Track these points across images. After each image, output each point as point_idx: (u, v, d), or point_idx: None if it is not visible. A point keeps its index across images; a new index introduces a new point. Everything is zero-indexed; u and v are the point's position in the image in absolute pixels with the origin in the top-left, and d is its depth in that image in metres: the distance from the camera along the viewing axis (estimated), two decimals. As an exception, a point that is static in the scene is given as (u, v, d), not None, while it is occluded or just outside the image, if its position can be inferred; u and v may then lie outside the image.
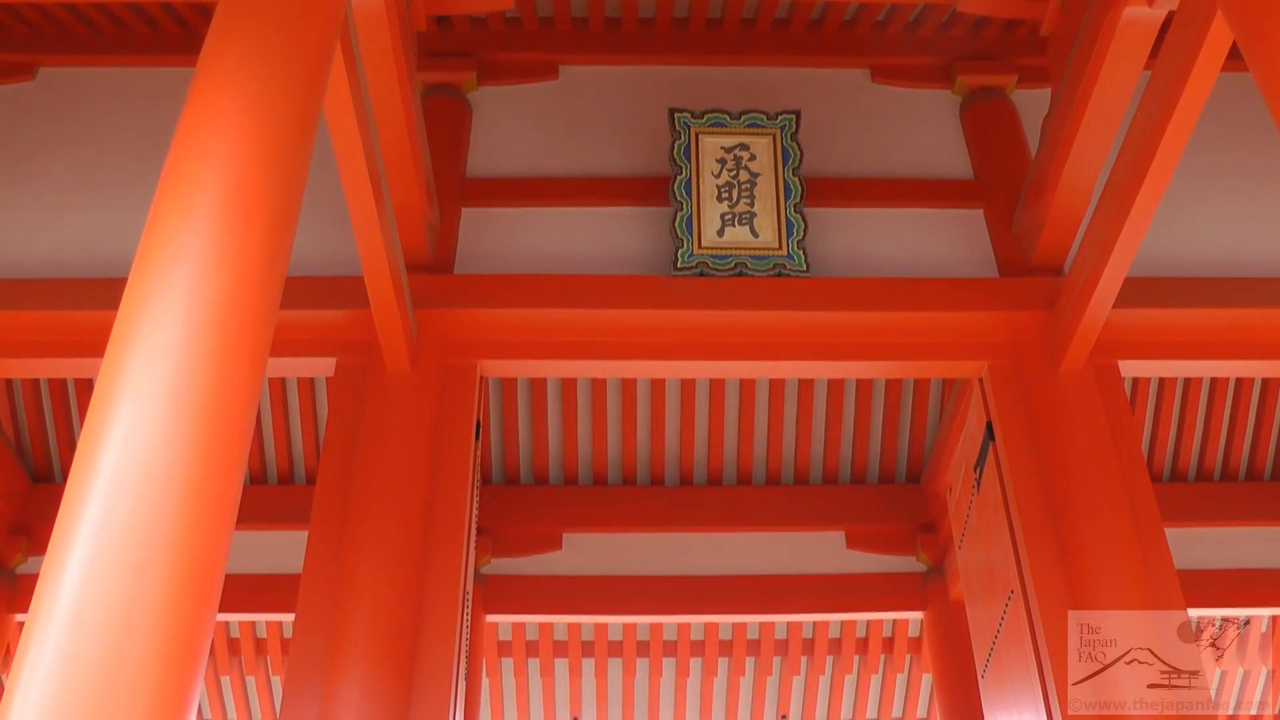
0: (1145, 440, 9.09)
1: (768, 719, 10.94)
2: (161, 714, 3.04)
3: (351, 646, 5.80)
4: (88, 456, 3.29)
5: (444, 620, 6.06)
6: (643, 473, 9.36)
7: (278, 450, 8.99)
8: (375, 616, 5.92)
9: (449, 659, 5.95)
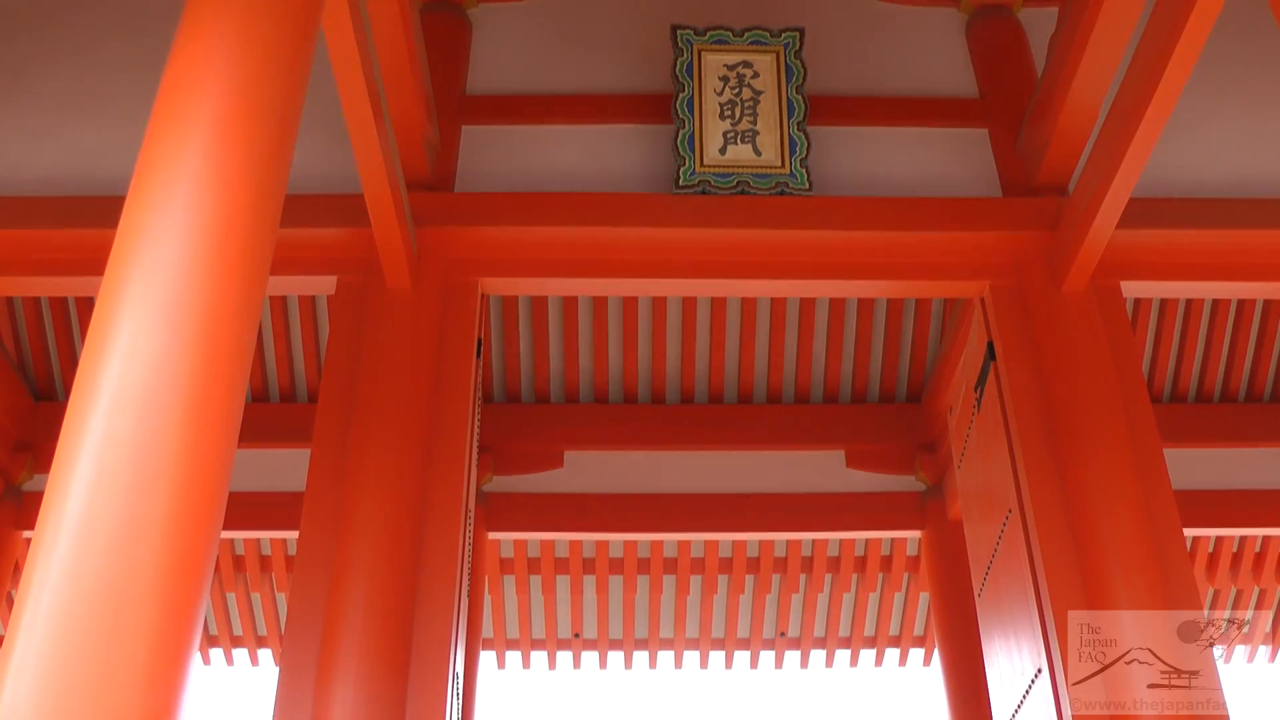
0: (1146, 361, 9.11)
1: (766, 636, 11.08)
2: (168, 628, 3.08)
3: (355, 563, 5.86)
4: (89, 374, 3.29)
5: (446, 537, 6.11)
6: (644, 391, 9.39)
7: (279, 368, 9.01)
8: (378, 534, 5.97)
9: (451, 575, 6.01)
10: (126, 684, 2.95)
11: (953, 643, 8.82)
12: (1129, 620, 5.54)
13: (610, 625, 10.92)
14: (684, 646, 11.15)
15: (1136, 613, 5.52)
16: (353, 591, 5.77)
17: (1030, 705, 6.28)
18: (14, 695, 2.88)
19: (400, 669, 5.66)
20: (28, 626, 2.96)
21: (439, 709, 5.66)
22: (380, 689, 5.54)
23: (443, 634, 5.85)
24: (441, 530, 6.12)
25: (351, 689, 5.50)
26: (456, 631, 6.07)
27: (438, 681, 5.72)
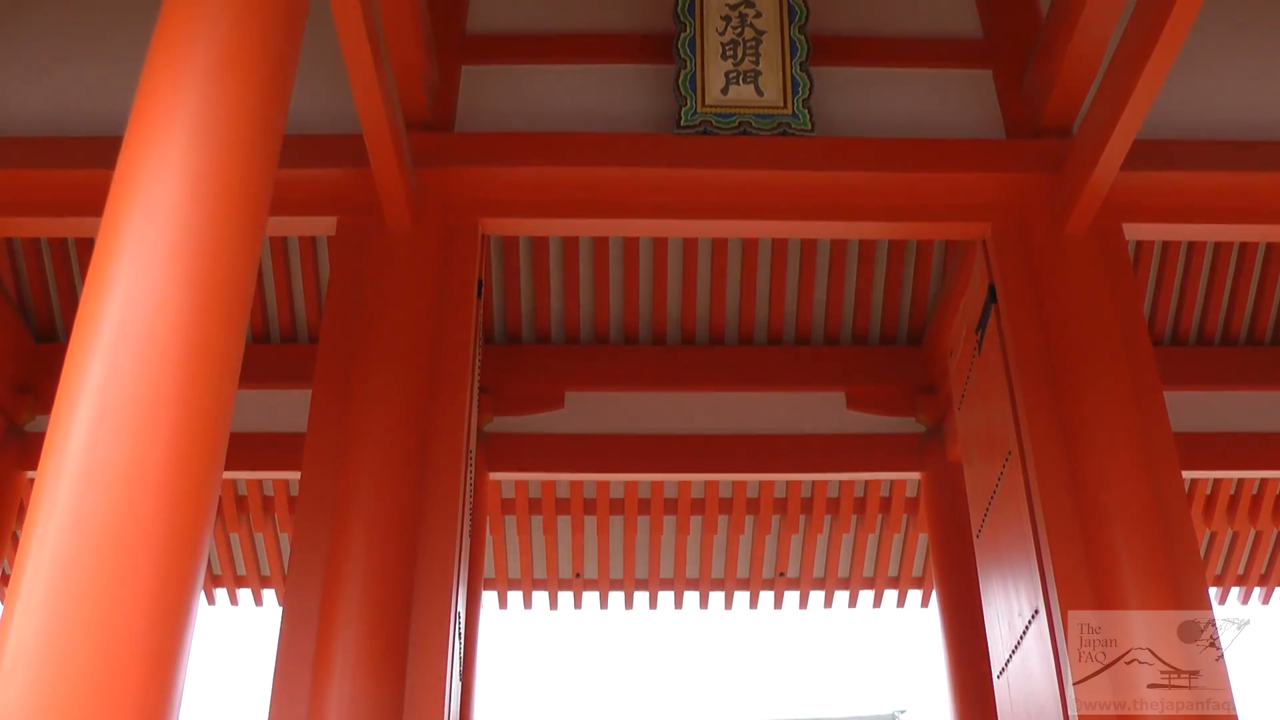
0: (1147, 304, 9.10)
1: (766, 576, 11.16)
2: (171, 568, 3.10)
3: (357, 504, 5.88)
4: (90, 316, 3.29)
5: (448, 478, 6.13)
6: (644, 331, 9.39)
7: (280, 309, 9.00)
8: (380, 474, 5.99)
9: (453, 516, 6.04)
10: (131, 623, 2.98)
11: (951, 584, 8.88)
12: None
13: (611, 565, 10.99)
14: (684, 586, 11.23)
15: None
16: (355, 532, 5.80)
17: (1027, 645, 6.34)
18: (20, 634, 2.90)
19: (403, 609, 5.70)
20: (33, 567, 2.98)
21: (441, 648, 5.70)
22: (383, 628, 5.59)
23: (445, 574, 5.89)
24: (443, 471, 6.14)
25: (354, 629, 5.55)
26: (458, 571, 6.11)
27: (440, 621, 5.77)
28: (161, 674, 3.01)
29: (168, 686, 3.02)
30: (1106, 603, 5.78)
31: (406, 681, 5.57)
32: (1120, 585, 5.78)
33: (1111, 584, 5.80)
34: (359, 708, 5.36)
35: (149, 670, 2.98)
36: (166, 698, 3.01)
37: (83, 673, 2.88)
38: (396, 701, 5.48)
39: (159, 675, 3.00)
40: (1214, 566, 11.14)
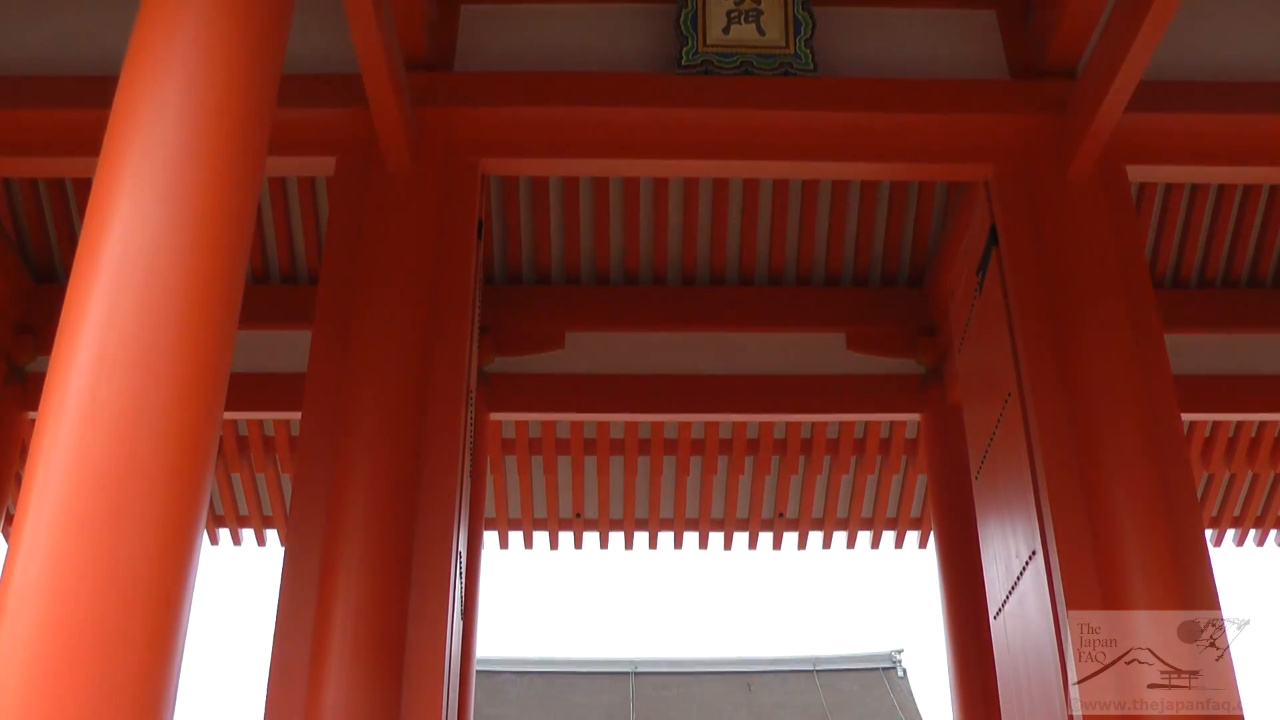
0: (1149, 246, 9.06)
1: (765, 517, 11.22)
2: (173, 507, 3.12)
3: (358, 444, 5.90)
4: (88, 257, 3.29)
5: (448, 418, 6.15)
6: (645, 271, 9.36)
7: (279, 249, 8.98)
8: (381, 414, 6.01)
9: (454, 456, 6.06)
10: (134, 562, 3.00)
11: (949, 525, 8.93)
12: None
13: (611, 505, 11.04)
14: (684, 527, 11.29)
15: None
16: (356, 472, 5.83)
17: (1024, 586, 6.38)
18: (25, 574, 2.93)
19: (404, 549, 5.74)
20: (36, 507, 3.00)
21: (443, 587, 5.75)
22: (385, 567, 5.63)
23: (446, 514, 5.93)
24: (444, 411, 6.16)
25: (356, 567, 5.59)
26: (459, 511, 6.15)
27: (441, 560, 5.81)
28: (165, 612, 3.04)
29: (172, 624, 3.05)
30: (1103, 545, 5.81)
31: (408, 620, 5.62)
32: (1118, 528, 5.82)
33: (1109, 527, 5.84)
34: (361, 646, 5.41)
35: (153, 608, 3.00)
36: (171, 635, 3.04)
37: (87, 611, 2.91)
38: (399, 639, 5.53)
39: (163, 613, 3.03)
40: (1210, 508, 11.19)
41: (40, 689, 2.81)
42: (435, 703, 5.50)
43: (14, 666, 2.82)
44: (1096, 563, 5.81)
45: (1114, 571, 5.74)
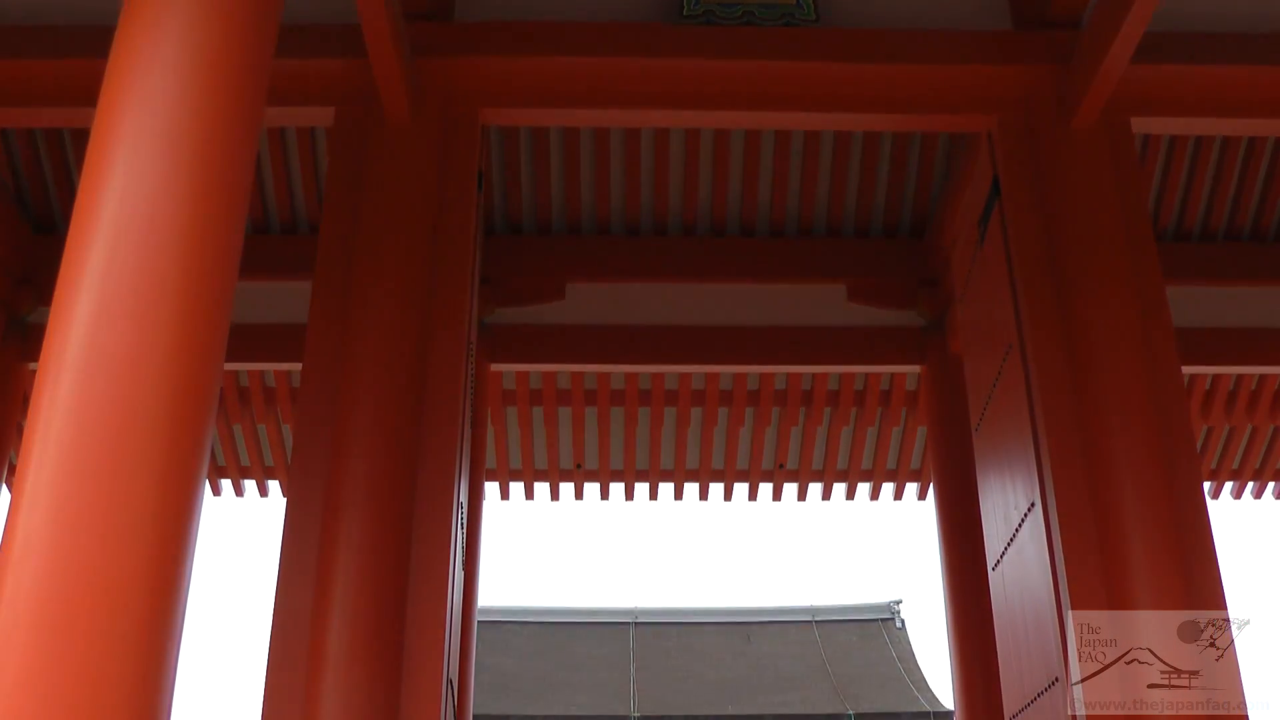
0: (1152, 198, 9.02)
1: (765, 468, 11.25)
2: (174, 457, 3.12)
3: (359, 394, 5.91)
4: (87, 208, 3.27)
5: (449, 369, 6.15)
6: (646, 223, 9.33)
7: (279, 200, 8.95)
8: (381, 365, 6.01)
9: (455, 407, 6.07)
10: (136, 513, 3.01)
11: (948, 477, 8.96)
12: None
13: (611, 456, 11.07)
14: (684, 478, 11.34)
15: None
16: (357, 423, 5.84)
17: (1022, 537, 6.41)
18: (28, 524, 2.94)
19: (406, 498, 5.76)
20: (38, 458, 3.01)
21: (444, 538, 5.78)
22: (386, 518, 5.65)
23: (447, 465, 5.94)
24: (444, 362, 6.16)
25: (358, 517, 5.61)
26: (460, 462, 6.17)
27: (442, 511, 5.83)
28: (168, 561, 3.05)
29: (174, 573, 3.06)
30: (1102, 497, 5.83)
31: (410, 570, 5.65)
32: (1117, 480, 5.84)
33: (1108, 479, 5.85)
34: (363, 595, 5.44)
35: (155, 557, 3.02)
36: (174, 585, 3.06)
37: (91, 560, 2.92)
38: (400, 589, 5.56)
39: (166, 563, 3.04)
40: (1210, 461, 11.22)
41: (46, 637, 2.82)
42: (437, 652, 5.54)
43: (20, 617, 2.84)
44: (1095, 515, 5.83)
45: (1112, 523, 5.76)
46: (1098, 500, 5.85)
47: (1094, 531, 5.80)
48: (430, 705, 5.43)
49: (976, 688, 8.18)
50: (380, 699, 5.28)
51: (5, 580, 2.88)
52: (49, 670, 2.80)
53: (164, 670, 2.99)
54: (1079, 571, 5.72)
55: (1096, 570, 5.72)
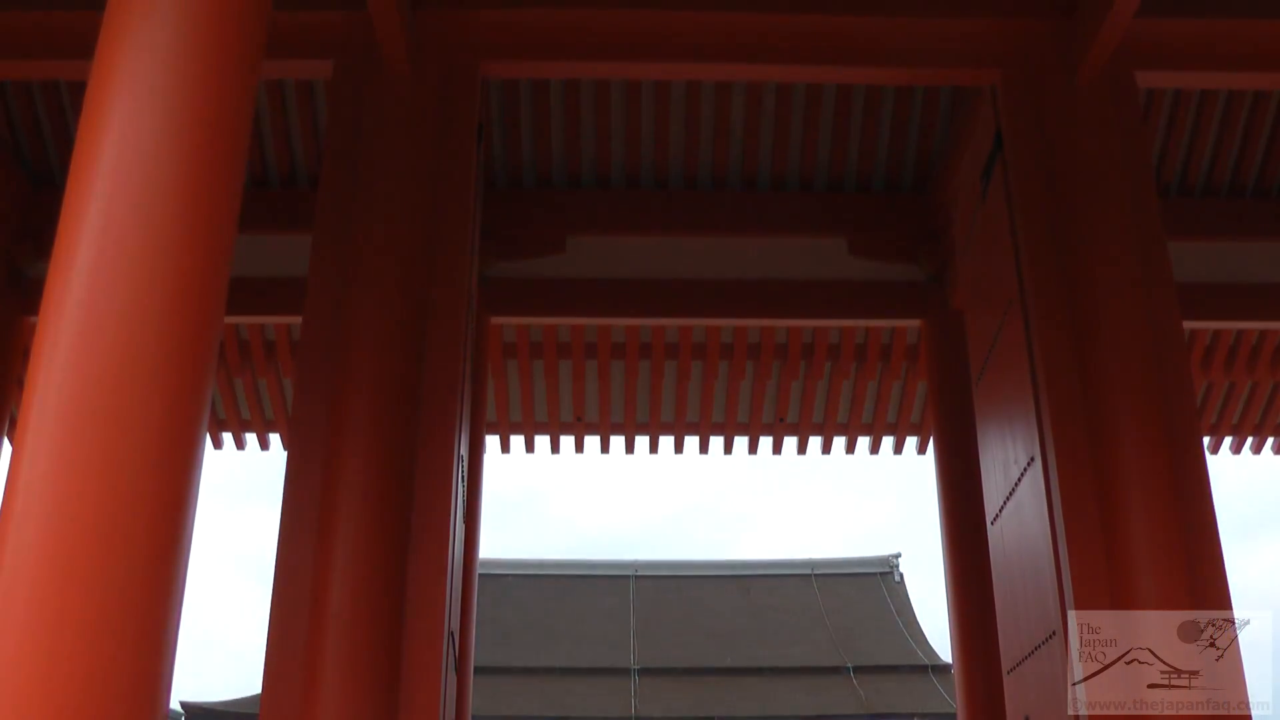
0: (1155, 153, 8.98)
1: (765, 421, 11.27)
2: (176, 410, 3.13)
3: (359, 347, 5.90)
4: (84, 161, 3.26)
5: (449, 322, 6.15)
6: (647, 176, 9.30)
7: (278, 153, 8.91)
8: (381, 319, 6.00)
9: (456, 359, 6.07)
10: (138, 464, 3.02)
11: (948, 431, 8.97)
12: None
13: (612, 409, 11.08)
14: (684, 431, 11.35)
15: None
16: (358, 376, 5.84)
17: (1022, 491, 6.43)
18: (29, 477, 2.95)
19: (406, 451, 5.77)
20: (38, 411, 3.01)
21: (445, 490, 5.80)
22: (387, 471, 5.67)
23: (447, 417, 5.95)
24: (444, 315, 6.15)
25: (359, 471, 5.62)
26: (461, 415, 6.18)
27: (443, 464, 5.85)
28: (169, 513, 3.06)
29: (177, 526, 3.08)
30: (1102, 452, 5.85)
31: (411, 523, 5.67)
32: (1116, 435, 5.85)
33: (1107, 434, 5.87)
34: (365, 548, 5.46)
35: (158, 510, 3.03)
36: (176, 536, 3.07)
37: (93, 513, 2.93)
38: (402, 542, 5.59)
39: (168, 515, 3.05)
40: (1209, 417, 11.24)
41: (48, 588, 2.84)
42: (438, 604, 5.57)
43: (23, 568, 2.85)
44: (1094, 469, 5.85)
45: (1111, 478, 5.78)
46: (1097, 455, 5.86)
47: (1093, 485, 5.82)
48: (431, 657, 5.46)
49: (974, 641, 8.23)
50: (382, 651, 5.32)
51: (8, 533, 2.89)
52: (52, 618, 2.82)
53: (167, 620, 3.01)
54: (1078, 525, 5.75)
55: (1095, 523, 5.75)
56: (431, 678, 5.43)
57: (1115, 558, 5.64)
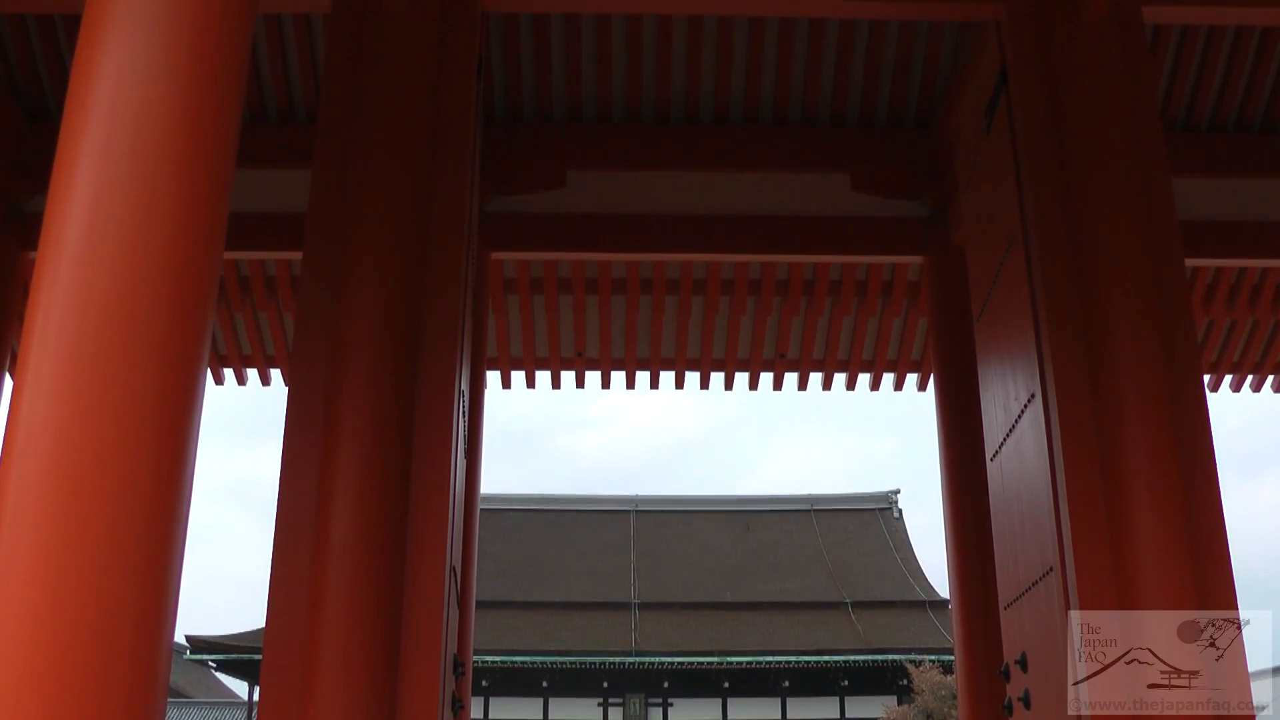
0: (1161, 88, 8.90)
1: (766, 357, 11.27)
2: (176, 344, 3.12)
3: (359, 283, 5.88)
4: (80, 94, 3.23)
5: (450, 257, 6.12)
6: (648, 109, 9.23)
7: (276, 88, 8.83)
8: (382, 254, 5.98)
9: (456, 295, 6.06)
10: (139, 399, 3.02)
11: (949, 368, 8.97)
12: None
13: (613, 344, 11.09)
14: (685, 366, 11.36)
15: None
16: (358, 311, 5.82)
17: (1021, 428, 6.45)
18: (30, 413, 2.95)
19: (407, 388, 5.77)
20: (39, 346, 3.01)
21: (446, 425, 5.81)
22: (389, 406, 5.67)
23: (448, 353, 5.95)
24: (445, 250, 6.13)
25: (360, 405, 5.63)
26: (462, 350, 6.18)
27: (444, 399, 5.85)
28: (172, 446, 3.07)
29: (179, 458, 3.08)
30: (1102, 388, 5.85)
31: (413, 458, 5.68)
32: (1117, 371, 5.85)
33: (1108, 370, 5.87)
34: (366, 483, 5.48)
35: (160, 443, 3.03)
36: (178, 469, 3.08)
37: (94, 447, 2.94)
38: (403, 477, 5.61)
39: (170, 447, 3.06)
40: (1210, 354, 11.24)
41: (50, 521, 2.85)
42: (440, 539, 5.60)
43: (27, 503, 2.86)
44: (1095, 406, 5.86)
45: (1111, 414, 5.79)
46: (1098, 391, 5.87)
47: (1093, 422, 5.83)
48: (433, 591, 5.50)
49: (972, 577, 8.29)
50: (384, 585, 5.35)
51: (10, 468, 2.90)
52: (55, 552, 2.83)
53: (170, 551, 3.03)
54: (1077, 462, 5.77)
55: (1095, 459, 5.77)
56: (434, 612, 5.47)
57: (1114, 493, 5.67)
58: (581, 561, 54.87)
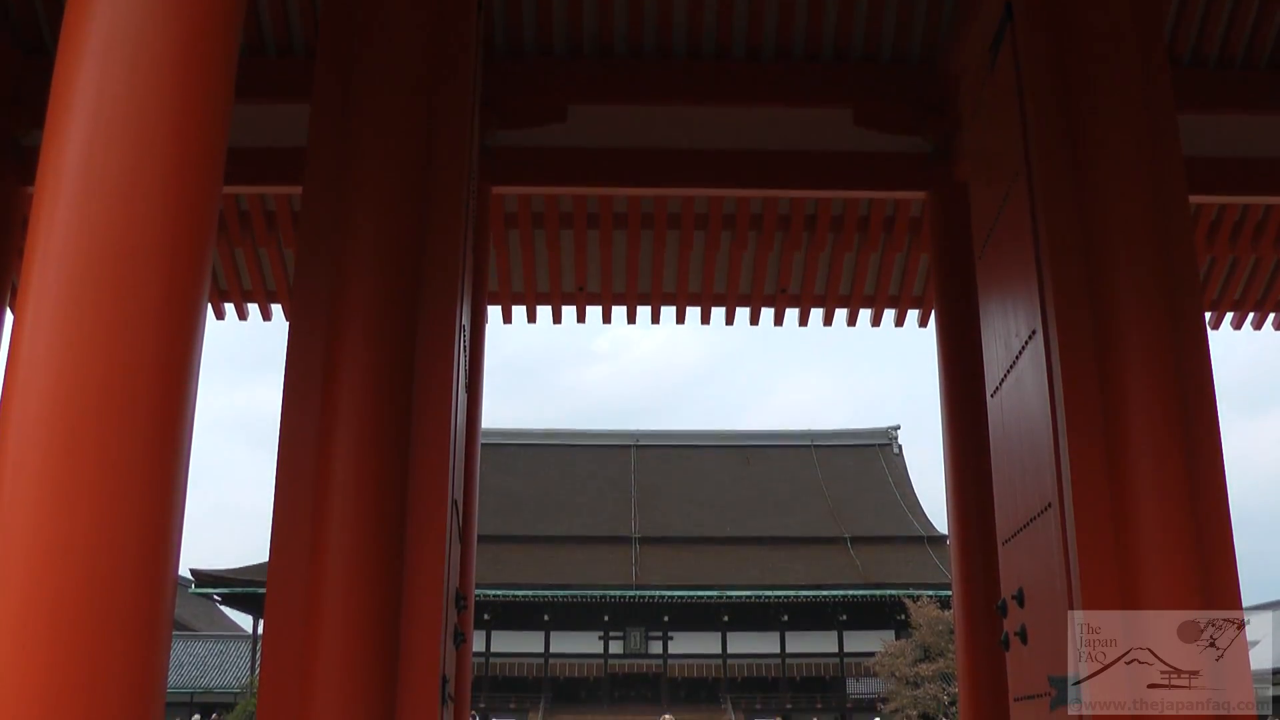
0: (1169, 22, 8.81)
1: (767, 292, 11.26)
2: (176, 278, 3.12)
3: (360, 217, 5.86)
4: (75, 26, 3.20)
5: (450, 191, 6.10)
6: (650, 44, 9.15)
7: (274, 21, 8.75)
8: (382, 189, 5.95)
9: (456, 229, 6.04)
10: (139, 333, 3.03)
11: (950, 304, 8.96)
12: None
13: (614, 279, 11.07)
14: (686, 301, 11.35)
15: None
16: (359, 245, 5.81)
17: (1022, 365, 6.46)
18: (31, 348, 2.95)
19: (408, 321, 5.77)
20: (39, 281, 3.01)
21: (447, 360, 5.82)
22: (389, 340, 5.67)
23: (449, 287, 5.95)
24: (445, 184, 6.10)
25: (361, 339, 5.63)
26: (463, 285, 6.17)
27: (445, 334, 5.86)
28: (173, 380, 3.07)
29: (180, 392, 3.09)
30: (1103, 326, 5.85)
31: (414, 392, 5.70)
32: (1118, 308, 5.84)
33: (1110, 307, 5.86)
34: (367, 417, 5.50)
35: (161, 376, 3.04)
36: (180, 402, 3.09)
37: (95, 381, 2.94)
38: (405, 411, 5.62)
39: (171, 380, 3.07)
40: (1212, 291, 11.23)
41: (53, 456, 2.87)
42: (441, 473, 5.63)
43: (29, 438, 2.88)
44: (1096, 342, 5.86)
45: (1112, 351, 5.79)
46: (1099, 327, 5.86)
47: (1094, 359, 5.83)
48: (436, 525, 5.54)
49: (971, 513, 8.34)
50: (386, 520, 5.39)
51: (11, 403, 2.91)
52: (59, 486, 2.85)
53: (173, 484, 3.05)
54: (1077, 398, 5.78)
55: (1095, 396, 5.78)
56: (436, 546, 5.51)
57: (1113, 430, 5.68)
58: (583, 496, 55.23)
